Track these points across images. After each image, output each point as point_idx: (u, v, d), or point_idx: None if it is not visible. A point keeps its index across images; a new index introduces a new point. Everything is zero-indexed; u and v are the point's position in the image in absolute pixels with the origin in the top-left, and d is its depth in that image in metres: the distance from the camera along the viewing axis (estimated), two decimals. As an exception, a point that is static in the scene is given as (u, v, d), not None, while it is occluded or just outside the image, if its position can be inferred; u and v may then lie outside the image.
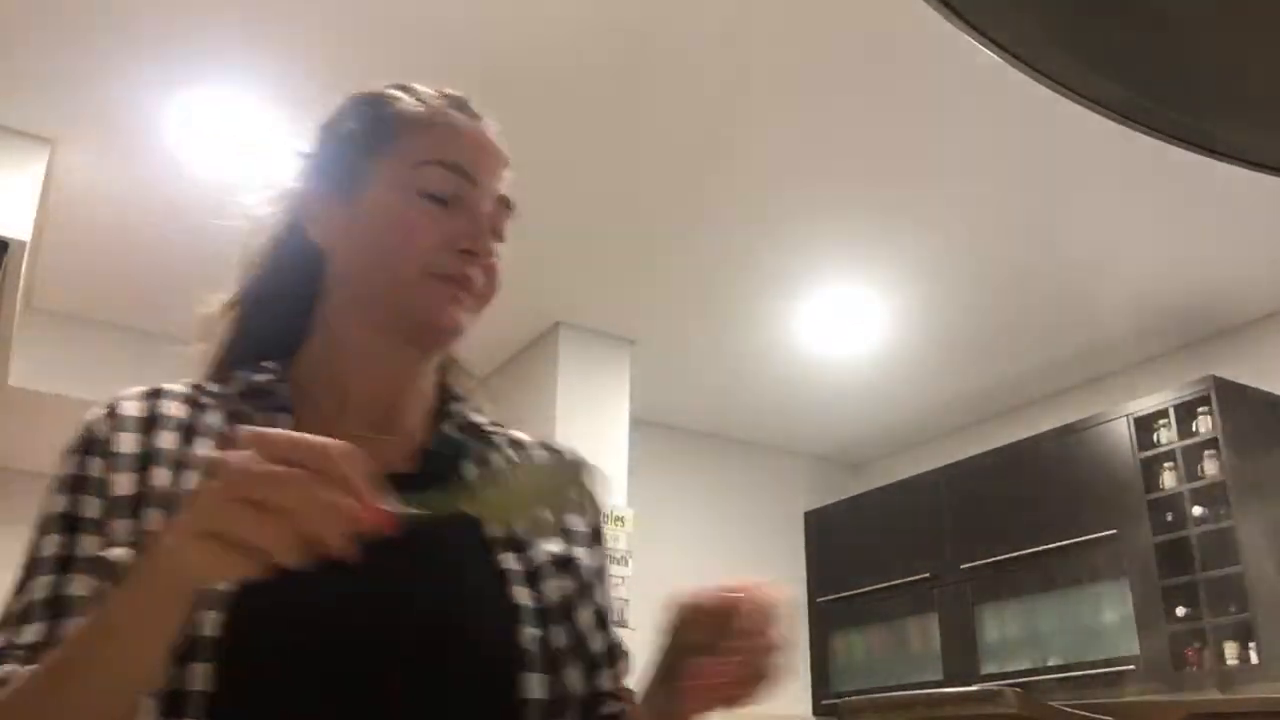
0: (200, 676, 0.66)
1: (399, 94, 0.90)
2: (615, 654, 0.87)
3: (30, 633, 0.69)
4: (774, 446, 5.64)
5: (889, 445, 5.64)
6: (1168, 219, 3.51)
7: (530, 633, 0.76)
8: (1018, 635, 4.32)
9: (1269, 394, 3.91)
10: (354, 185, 0.86)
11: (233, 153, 3.19)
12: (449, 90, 0.91)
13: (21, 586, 0.74)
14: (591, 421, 4.25)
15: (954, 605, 4.55)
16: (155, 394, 0.82)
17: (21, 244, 3.14)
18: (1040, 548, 4.16)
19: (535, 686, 0.75)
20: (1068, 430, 4.28)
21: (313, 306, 0.89)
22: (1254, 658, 3.46)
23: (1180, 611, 3.69)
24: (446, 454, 0.86)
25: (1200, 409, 3.80)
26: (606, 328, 4.38)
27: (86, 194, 3.40)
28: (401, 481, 0.80)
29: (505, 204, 0.88)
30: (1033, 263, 3.81)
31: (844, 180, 3.35)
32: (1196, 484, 3.74)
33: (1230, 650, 3.52)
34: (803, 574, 5.35)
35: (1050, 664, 4.11)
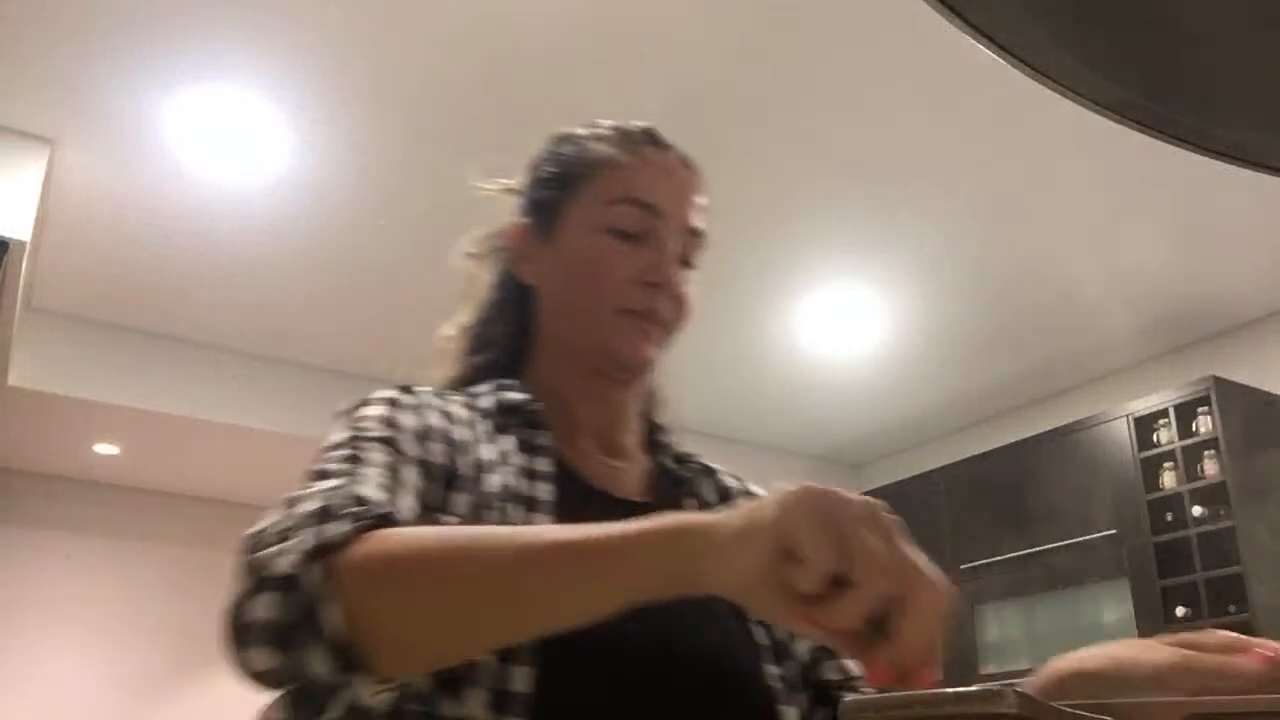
0: (521, 679, 0.67)
1: (591, 133, 0.94)
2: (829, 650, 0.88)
3: (371, 487, 0.67)
4: (774, 446, 5.64)
5: (889, 445, 5.64)
6: (1167, 219, 3.50)
7: (773, 670, 0.81)
8: (1018, 635, 4.32)
9: (1269, 394, 3.91)
10: (554, 226, 0.91)
11: (233, 153, 3.19)
12: (638, 124, 0.94)
13: (345, 446, 0.72)
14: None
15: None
16: (439, 394, 0.85)
17: (21, 244, 3.14)
18: (1040, 548, 4.16)
19: (792, 716, 0.81)
20: (1068, 430, 4.28)
21: (530, 335, 0.94)
22: (1254, 658, 3.46)
23: (1180, 611, 3.69)
24: (669, 484, 0.92)
25: (1200, 409, 3.80)
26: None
27: (86, 194, 3.40)
28: (646, 509, 0.83)
29: (695, 234, 0.92)
30: (1033, 262, 3.81)
31: (844, 180, 3.34)
32: (1196, 484, 3.74)
33: (1230, 650, 3.52)
34: (803, 574, 5.34)
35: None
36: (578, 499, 0.81)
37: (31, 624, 4.93)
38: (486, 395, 0.87)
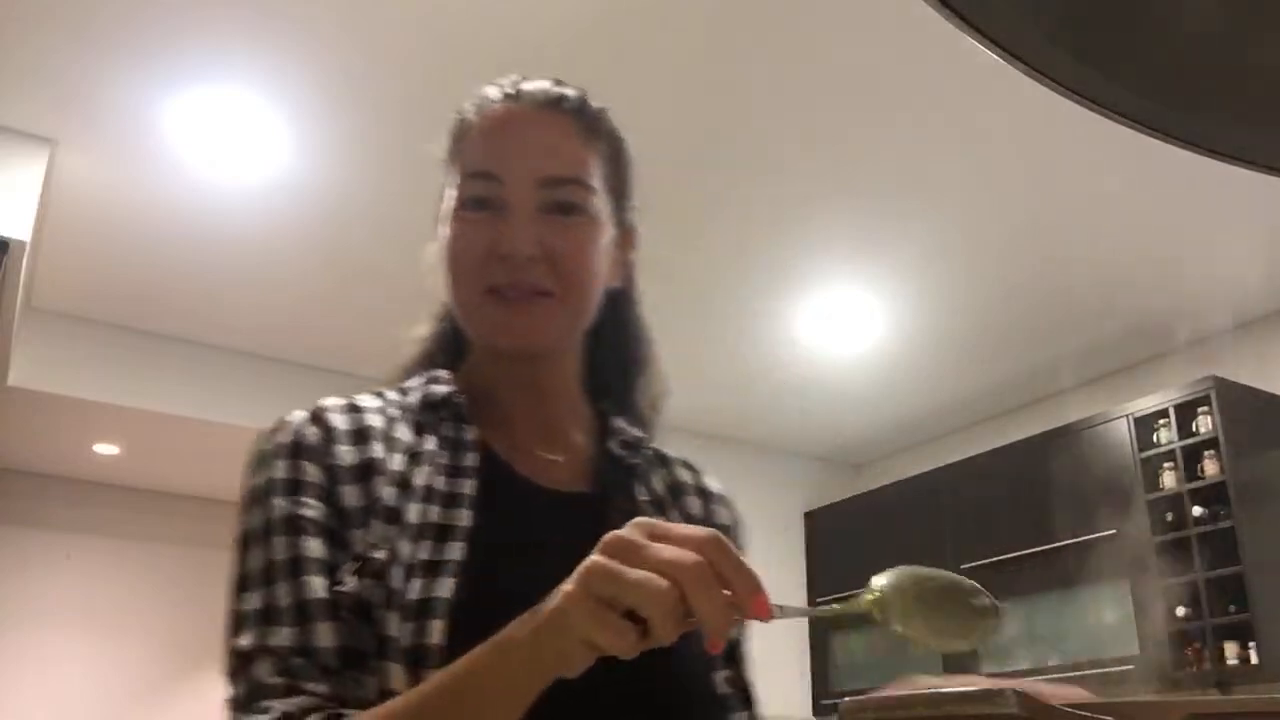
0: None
1: (468, 106, 0.89)
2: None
3: (283, 636, 0.70)
4: (774, 446, 5.64)
5: (889, 445, 5.64)
6: (1167, 219, 3.50)
7: (723, 675, 0.86)
8: (1018, 635, 4.32)
9: (1269, 394, 3.91)
10: (441, 210, 0.87)
11: (232, 153, 3.19)
12: (503, 80, 0.88)
13: (255, 584, 0.73)
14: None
15: (954, 605, 4.54)
16: (354, 408, 0.82)
17: (21, 244, 3.14)
18: (1040, 548, 4.16)
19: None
20: (1068, 430, 4.28)
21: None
22: (1254, 658, 3.46)
23: (1180, 611, 3.68)
24: (617, 473, 0.88)
25: (1200, 409, 3.80)
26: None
27: (86, 194, 3.40)
28: (578, 501, 0.84)
29: (557, 181, 0.82)
30: (1033, 262, 3.81)
31: (844, 180, 3.34)
32: (1196, 484, 3.74)
33: (1230, 650, 3.52)
34: (803, 574, 5.34)
35: (1050, 664, 4.11)
36: (503, 493, 0.80)
37: (31, 624, 4.93)
38: (416, 391, 0.85)
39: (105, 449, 4.80)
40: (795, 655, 5.18)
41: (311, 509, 0.75)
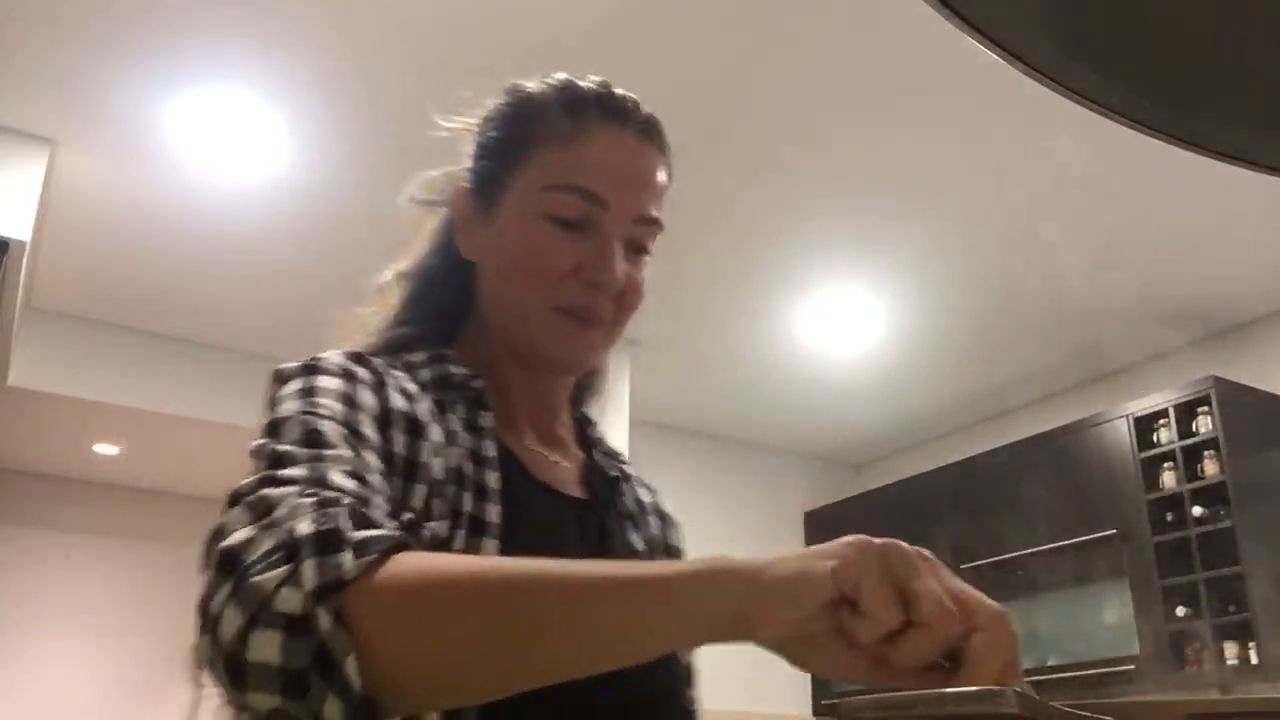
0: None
1: (539, 90, 0.85)
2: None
3: (339, 477, 0.61)
4: (774, 446, 5.64)
5: (889, 445, 5.64)
6: (1167, 219, 3.50)
7: (689, 693, 0.84)
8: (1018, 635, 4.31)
9: (1269, 394, 3.91)
10: (494, 200, 0.84)
11: (233, 153, 3.19)
12: (596, 82, 0.86)
13: (296, 427, 0.65)
14: (592, 421, 4.25)
15: (954, 605, 4.54)
16: (362, 360, 0.77)
17: (21, 244, 3.14)
18: (1040, 548, 4.16)
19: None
20: (1068, 430, 4.28)
21: (465, 309, 0.87)
22: (1254, 658, 3.46)
23: (1180, 611, 3.69)
24: (600, 482, 0.87)
25: (1200, 409, 3.80)
26: (606, 328, 4.38)
27: (86, 194, 3.40)
28: (582, 506, 0.83)
29: (649, 221, 0.83)
30: (1032, 262, 3.81)
31: (844, 181, 3.34)
32: (1196, 484, 3.74)
33: (1230, 650, 3.52)
34: (803, 574, 5.34)
35: (1050, 664, 4.11)
36: (520, 491, 0.77)
37: (31, 624, 4.93)
38: (424, 367, 0.81)
39: (105, 449, 4.80)
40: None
41: (369, 428, 0.68)
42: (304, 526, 0.54)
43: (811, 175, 3.31)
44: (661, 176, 0.85)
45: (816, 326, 4.30)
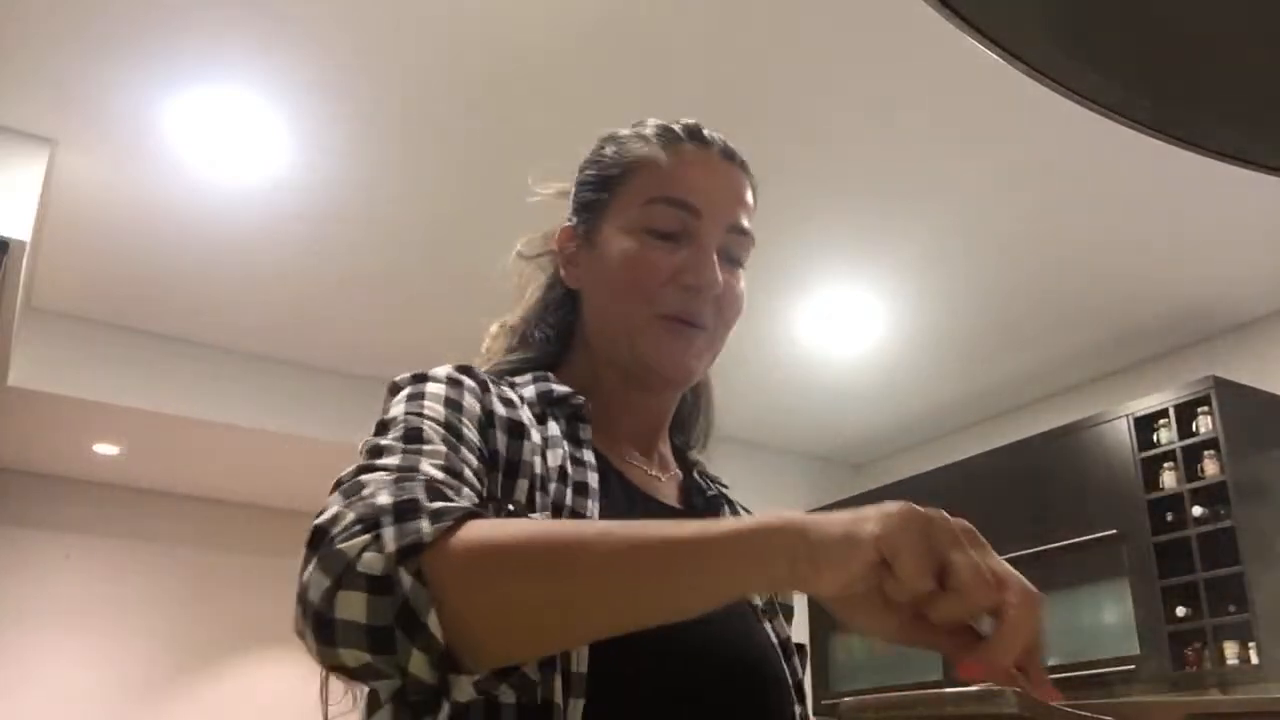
0: (566, 688, 0.67)
1: (633, 132, 0.92)
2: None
3: (430, 468, 0.66)
4: (774, 446, 5.64)
5: (889, 445, 5.64)
6: (1168, 219, 3.50)
7: (788, 666, 0.86)
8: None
9: (1269, 394, 3.91)
10: (595, 228, 0.90)
11: (233, 153, 3.19)
12: (684, 120, 0.92)
13: (398, 426, 0.70)
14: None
15: (954, 605, 4.54)
16: (469, 370, 0.82)
17: (21, 244, 3.14)
18: (1040, 548, 4.16)
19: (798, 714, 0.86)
20: (1068, 430, 4.28)
21: (570, 339, 0.93)
22: (1254, 658, 3.46)
23: (1180, 611, 3.68)
24: (701, 500, 0.91)
25: (1200, 409, 3.80)
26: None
27: (86, 194, 3.40)
28: (682, 516, 0.86)
29: (740, 231, 0.89)
30: (1033, 262, 3.81)
31: (844, 180, 3.34)
32: (1196, 484, 3.74)
33: (1230, 650, 3.52)
34: (803, 574, 5.33)
35: (1050, 664, 4.11)
36: (617, 494, 0.82)
37: (31, 624, 4.93)
38: (528, 385, 0.86)
39: (105, 449, 4.80)
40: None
41: (469, 429, 0.73)
42: (384, 498, 0.60)
43: (811, 175, 3.30)
44: (749, 195, 0.91)
45: (816, 326, 4.30)
